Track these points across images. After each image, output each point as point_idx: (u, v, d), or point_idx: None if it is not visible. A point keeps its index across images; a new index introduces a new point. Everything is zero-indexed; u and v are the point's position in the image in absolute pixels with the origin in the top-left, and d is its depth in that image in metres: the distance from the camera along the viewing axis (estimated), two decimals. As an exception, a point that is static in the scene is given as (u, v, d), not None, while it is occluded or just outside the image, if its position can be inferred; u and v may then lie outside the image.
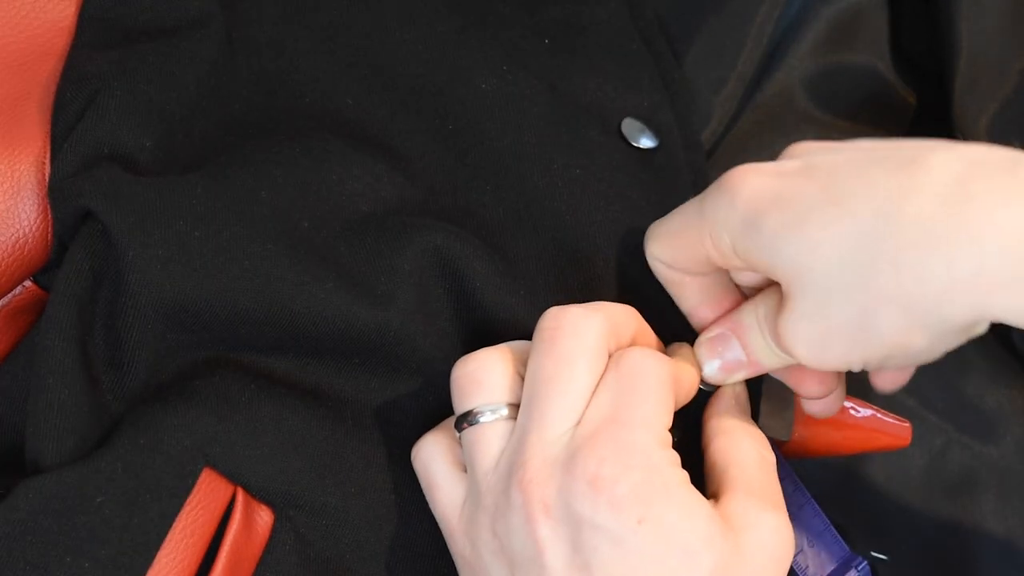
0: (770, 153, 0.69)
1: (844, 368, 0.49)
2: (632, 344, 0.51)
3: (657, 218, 0.59)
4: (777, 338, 0.49)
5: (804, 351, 0.48)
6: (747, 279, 0.54)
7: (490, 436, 0.49)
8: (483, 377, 0.50)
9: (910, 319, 0.46)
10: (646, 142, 0.63)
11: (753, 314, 0.52)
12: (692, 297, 0.54)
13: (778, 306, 0.50)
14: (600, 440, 0.46)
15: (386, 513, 0.53)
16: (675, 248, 0.52)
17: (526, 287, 0.55)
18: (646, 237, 0.54)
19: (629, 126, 0.63)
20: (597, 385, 0.49)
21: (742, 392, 0.54)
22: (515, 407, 0.49)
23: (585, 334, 0.49)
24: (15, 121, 0.54)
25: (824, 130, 0.70)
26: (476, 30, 0.63)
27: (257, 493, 0.50)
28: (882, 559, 0.63)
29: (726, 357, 0.53)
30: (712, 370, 0.53)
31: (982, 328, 0.47)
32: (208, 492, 0.49)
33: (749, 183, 0.49)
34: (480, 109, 0.60)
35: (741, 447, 0.51)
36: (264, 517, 0.50)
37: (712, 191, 0.50)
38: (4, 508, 0.47)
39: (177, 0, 0.58)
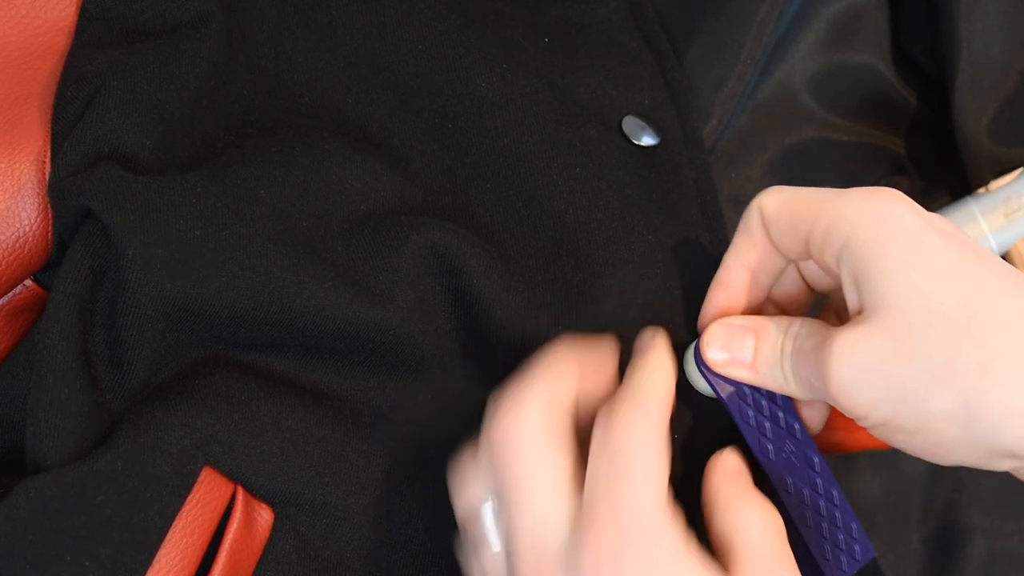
0: (770, 152, 0.70)
1: (856, 414, 0.48)
2: (604, 367, 0.51)
3: (658, 215, 0.59)
4: (822, 355, 0.48)
5: (844, 376, 0.47)
6: (817, 274, 0.55)
7: (488, 526, 0.49)
8: (463, 479, 0.50)
9: (962, 411, 0.45)
10: (647, 140, 0.63)
11: (782, 330, 0.52)
12: (743, 262, 0.55)
13: (816, 336, 0.49)
14: (598, 534, 0.45)
15: (386, 511, 0.53)
16: (788, 210, 0.52)
17: (524, 284, 0.55)
18: (767, 189, 0.53)
19: (630, 124, 0.63)
20: (586, 457, 0.48)
21: (739, 460, 0.53)
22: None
23: (527, 434, 0.47)
24: (15, 120, 0.54)
25: (824, 129, 0.70)
26: (476, 29, 0.63)
27: (257, 492, 0.50)
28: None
29: (734, 350, 0.53)
30: (716, 357, 0.53)
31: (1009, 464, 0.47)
32: (208, 491, 0.49)
33: (901, 207, 0.49)
34: (480, 108, 0.60)
35: (745, 521, 0.50)
36: (264, 516, 0.50)
37: (862, 190, 0.50)
38: (4, 507, 0.47)
39: (177, 0, 0.58)
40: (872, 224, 0.48)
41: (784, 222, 0.52)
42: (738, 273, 0.55)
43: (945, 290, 0.47)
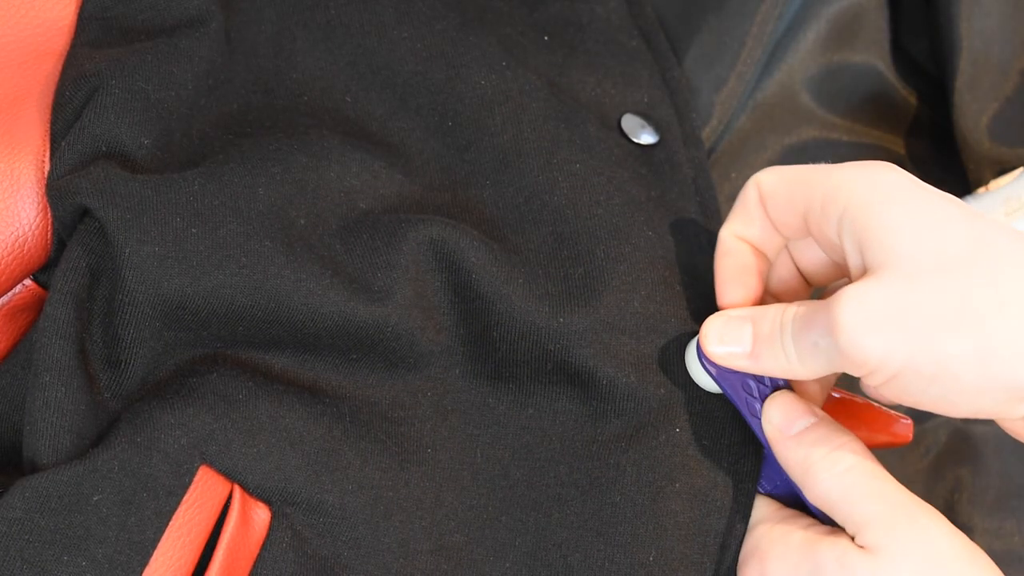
0: (770, 152, 0.70)
1: (868, 366, 0.48)
2: None
3: (657, 212, 0.59)
4: (830, 309, 0.48)
5: (855, 323, 0.47)
6: (809, 258, 0.55)
7: None
8: None
9: (980, 350, 0.46)
10: (646, 138, 0.63)
11: (779, 312, 0.52)
12: (740, 236, 0.55)
13: (818, 304, 0.50)
14: None
15: (383, 510, 0.53)
16: (785, 186, 0.53)
17: (525, 277, 0.55)
18: (764, 169, 0.54)
19: (629, 122, 0.63)
20: None
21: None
22: None
23: None
24: (15, 120, 0.54)
25: (824, 130, 0.70)
26: (475, 27, 0.63)
27: (254, 491, 0.50)
28: None
29: (731, 341, 0.53)
30: (714, 349, 0.53)
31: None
32: (205, 490, 0.49)
33: (895, 173, 0.50)
34: (479, 105, 0.60)
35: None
36: (261, 515, 0.50)
37: (856, 163, 0.51)
38: (1, 507, 0.47)
39: (176, 0, 0.58)
40: (869, 188, 0.49)
41: (781, 197, 0.52)
42: (738, 243, 0.55)
43: (951, 236, 0.47)
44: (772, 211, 0.53)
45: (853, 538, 0.50)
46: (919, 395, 0.48)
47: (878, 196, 0.49)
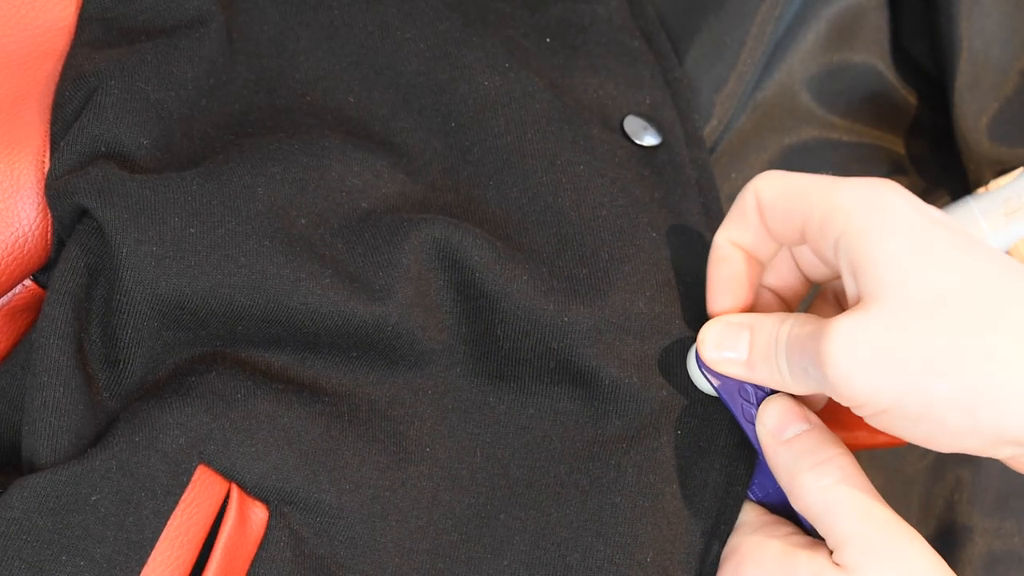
0: (770, 152, 0.70)
1: (856, 401, 0.47)
2: None
3: (660, 213, 0.59)
4: (819, 342, 0.48)
5: (844, 362, 0.47)
6: (809, 260, 0.55)
7: None
8: None
9: (967, 396, 0.45)
10: (649, 139, 0.63)
11: (777, 322, 0.52)
12: (735, 242, 0.55)
13: (812, 325, 0.49)
14: None
15: (380, 510, 0.53)
16: (784, 198, 0.52)
17: (529, 273, 0.55)
18: (762, 173, 0.54)
19: (632, 124, 0.63)
20: None
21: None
22: None
23: None
24: (15, 121, 0.54)
25: (824, 130, 0.70)
26: (477, 28, 0.63)
27: (252, 490, 0.50)
28: None
29: (728, 347, 0.53)
30: (711, 355, 0.53)
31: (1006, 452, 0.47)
32: (203, 489, 0.49)
33: (895, 197, 0.49)
34: (482, 106, 0.60)
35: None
36: (259, 514, 0.50)
37: (858, 180, 0.50)
38: (-1, 507, 0.47)
39: (176, 0, 0.58)
40: (868, 214, 0.48)
41: (779, 210, 0.52)
42: (733, 250, 0.55)
43: (944, 276, 0.47)
44: (769, 222, 0.53)
45: (832, 552, 0.50)
46: (905, 431, 0.48)
47: (875, 224, 0.48)
